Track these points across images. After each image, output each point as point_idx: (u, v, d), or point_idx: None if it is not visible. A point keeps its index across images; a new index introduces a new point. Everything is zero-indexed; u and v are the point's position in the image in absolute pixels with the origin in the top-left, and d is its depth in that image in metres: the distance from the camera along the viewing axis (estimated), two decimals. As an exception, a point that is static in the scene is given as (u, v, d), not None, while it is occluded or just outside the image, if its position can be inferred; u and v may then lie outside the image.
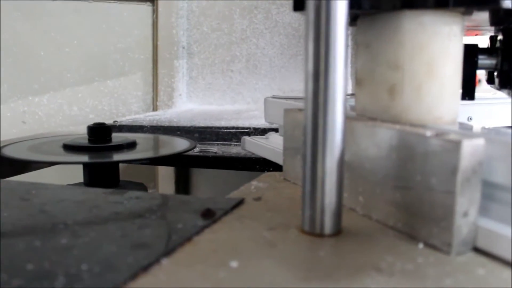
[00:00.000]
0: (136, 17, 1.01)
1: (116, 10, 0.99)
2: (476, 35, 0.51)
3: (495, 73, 0.44)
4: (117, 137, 0.60)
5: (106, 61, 0.99)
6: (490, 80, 0.46)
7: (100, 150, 0.56)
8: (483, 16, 0.36)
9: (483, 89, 0.67)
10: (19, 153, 0.55)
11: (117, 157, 0.55)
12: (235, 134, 0.71)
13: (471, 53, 0.39)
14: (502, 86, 0.41)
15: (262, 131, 0.67)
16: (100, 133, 0.59)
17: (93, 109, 0.98)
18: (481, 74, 0.50)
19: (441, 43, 0.31)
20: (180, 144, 0.59)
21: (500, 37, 0.42)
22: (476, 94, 0.41)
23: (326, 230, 0.27)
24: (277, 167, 0.50)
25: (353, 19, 0.35)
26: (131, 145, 0.58)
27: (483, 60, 0.42)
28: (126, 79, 1.01)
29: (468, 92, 0.39)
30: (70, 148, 0.57)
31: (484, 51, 0.42)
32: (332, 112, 0.26)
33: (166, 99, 1.02)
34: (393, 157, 0.28)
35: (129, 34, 1.00)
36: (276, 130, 0.58)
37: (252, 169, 0.60)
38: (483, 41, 0.45)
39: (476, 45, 0.40)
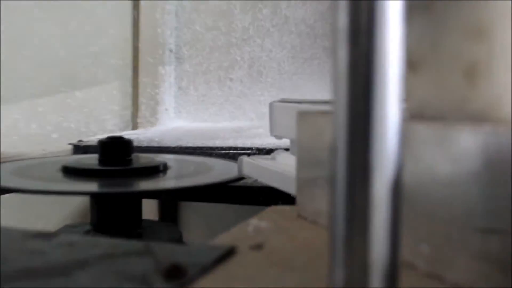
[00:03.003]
0: (113, 13, 0.97)
1: (88, 6, 0.94)
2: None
3: None
4: (140, 158, 0.52)
5: (75, 68, 0.94)
6: None
7: (116, 175, 0.47)
8: None
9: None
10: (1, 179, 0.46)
11: (139, 185, 0.46)
12: (233, 157, 0.64)
13: None
14: None
15: (267, 152, 0.60)
16: (116, 151, 0.49)
17: (57, 126, 0.91)
18: None
19: (551, -4, 0.22)
20: (225, 168, 0.50)
21: None
22: None
23: (372, 303, 0.18)
24: (288, 200, 0.42)
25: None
26: (160, 169, 0.48)
27: None
28: (99, 89, 0.96)
29: None
30: (72, 172, 0.47)
31: None
32: (381, 96, 0.18)
33: (149, 114, 0.97)
34: (482, 179, 0.20)
35: (104, 34, 0.96)
36: (287, 149, 0.50)
37: (254, 202, 0.52)
38: None
39: None
